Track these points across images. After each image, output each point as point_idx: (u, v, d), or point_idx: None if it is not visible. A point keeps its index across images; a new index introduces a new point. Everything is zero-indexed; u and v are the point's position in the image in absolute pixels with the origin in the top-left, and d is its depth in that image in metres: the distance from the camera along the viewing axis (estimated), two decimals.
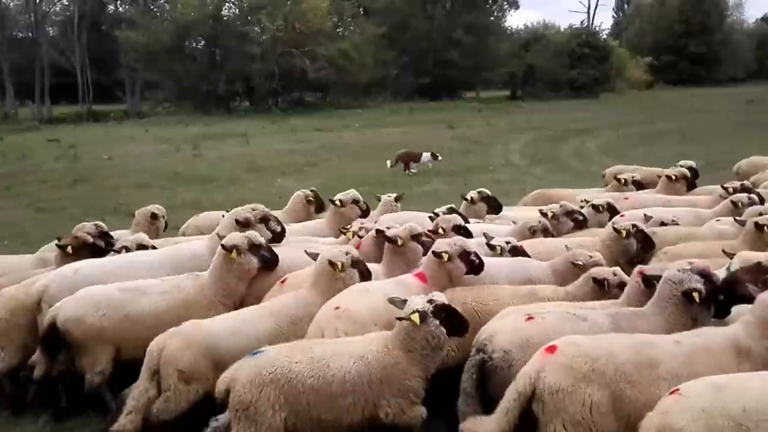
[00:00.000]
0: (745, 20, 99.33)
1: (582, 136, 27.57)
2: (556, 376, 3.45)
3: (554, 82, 55.98)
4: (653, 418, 3.12)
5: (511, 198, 12.18)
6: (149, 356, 4.45)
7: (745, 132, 27.71)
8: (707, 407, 3.02)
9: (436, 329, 3.96)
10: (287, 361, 3.89)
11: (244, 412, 3.81)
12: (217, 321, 4.72)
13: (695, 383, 3.22)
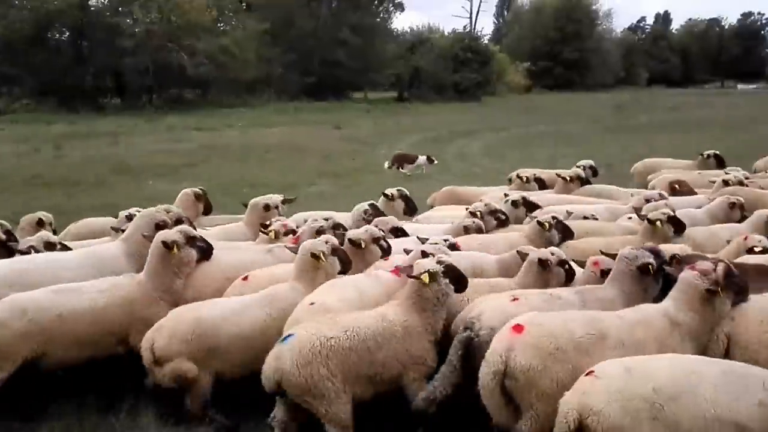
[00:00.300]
0: (613, 29, 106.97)
1: (465, 138, 28.04)
2: (526, 356, 3.80)
3: (439, 85, 57.04)
4: (572, 399, 3.38)
5: None
6: (145, 353, 4.62)
7: (613, 135, 29.36)
8: (622, 388, 3.29)
9: (446, 287, 4.45)
10: (321, 335, 4.17)
11: (308, 393, 4.08)
12: (210, 308, 4.82)
13: (608, 364, 3.51)
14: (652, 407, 3.23)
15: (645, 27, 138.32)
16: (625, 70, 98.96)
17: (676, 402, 3.26)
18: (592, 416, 3.28)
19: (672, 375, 3.37)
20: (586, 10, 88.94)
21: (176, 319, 4.70)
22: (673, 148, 23.51)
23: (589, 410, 3.29)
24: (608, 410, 3.25)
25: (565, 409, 3.38)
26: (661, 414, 3.23)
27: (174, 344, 4.56)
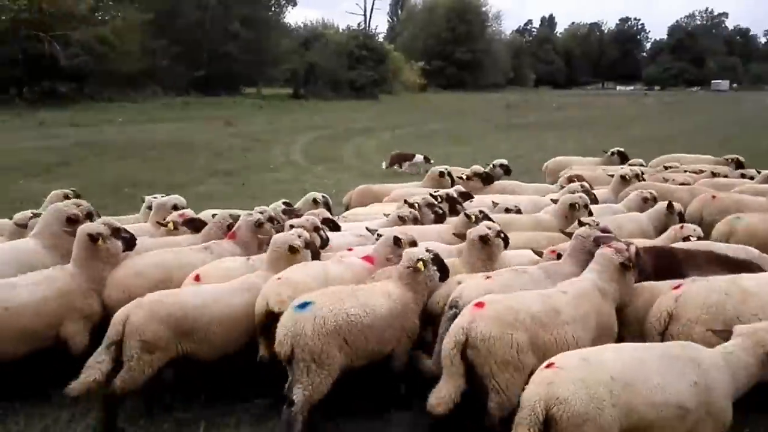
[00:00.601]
0: (502, 32, 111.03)
1: (362, 136, 27.91)
2: (487, 326, 4.11)
3: (335, 81, 56.70)
4: (538, 390, 3.46)
5: (292, 197, 11.40)
6: (113, 328, 4.60)
7: (504, 133, 30.21)
8: (584, 377, 3.45)
9: (434, 273, 4.92)
10: (343, 308, 4.43)
11: (316, 360, 4.28)
12: (193, 294, 4.89)
13: (565, 356, 3.70)
14: (612, 395, 3.42)
15: (532, 30, 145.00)
16: (514, 71, 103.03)
17: (631, 389, 3.47)
18: (559, 405, 3.39)
19: (623, 364, 3.59)
20: (477, 11, 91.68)
21: (157, 300, 4.71)
22: (559, 145, 24.71)
23: (555, 400, 3.40)
24: (574, 399, 3.38)
25: (531, 401, 3.46)
26: (619, 401, 3.42)
27: (150, 324, 4.57)
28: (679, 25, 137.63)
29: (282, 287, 4.82)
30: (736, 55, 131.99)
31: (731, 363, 3.78)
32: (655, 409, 3.49)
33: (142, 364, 4.56)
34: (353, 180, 15.95)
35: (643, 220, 7.42)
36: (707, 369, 3.68)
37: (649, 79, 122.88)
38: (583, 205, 7.20)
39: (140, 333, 4.54)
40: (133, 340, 4.54)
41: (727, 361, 3.79)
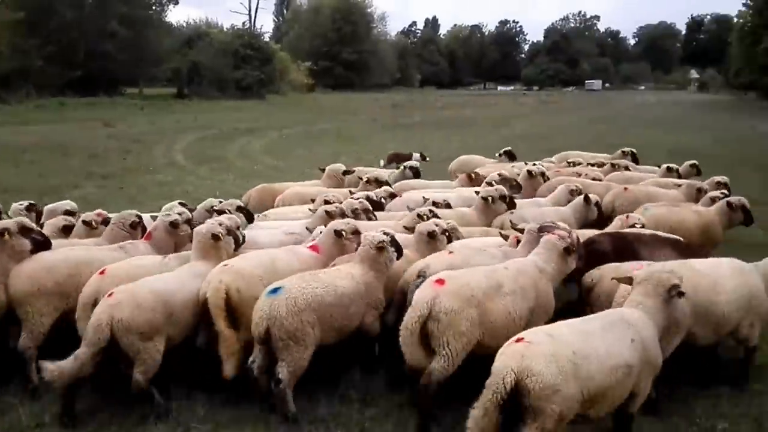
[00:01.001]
0: (388, 33, 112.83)
1: (248, 136, 27.61)
2: (449, 301, 4.58)
3: (220, 81, 55.51)
4: (510, 362, 3.73)
5: (173, 199, 11.27)
6: (97, 333, 4.62)
7: (390, 132, 30.92)
8: (554, 351, 3.75)
9: (392, 254, 5.43)
10: (311, 289, 4.89)
11: (292, 337, 4.73)
12: (160, 281, 5.09)
13: (532, 332, 4.00)
14: (575, 366, 3.74)
15: (416, 31, 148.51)
16: (400, 72, 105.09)
17: (588, 360, 3.81)
18: (532, 377, 3.67)
19: (577, 338, 3.92)
20: (362, 12, 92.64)
21: (133, 293, 4.82)
22: (444, 143, 25.79)
23: (528, 372, 3.68)
24: (546, 371, 3.67)
25: (503, 371, 3.72)
26: (580, 372, 3.75)
27: (141, 314, 4.72)
28: (554, 27, 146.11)
29: (225, 275, 5.06)
30: (608, 56, 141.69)
31: (647, 310, 4.28)
32: (609, 375, 3.86)
33: (153, 351, 4.77)
34: (238, 181, 15.93)
35: (566, 212, 7.77)
36: (635, 324, 4.15)
37: (527, 80, 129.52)
38: (499, 197, 7.59)
39: (135, 327, 4.69)
40: (130, 336, 4.68)
41: (644, 310, 4.28)
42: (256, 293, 4.99)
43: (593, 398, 3.84)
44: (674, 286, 4.35)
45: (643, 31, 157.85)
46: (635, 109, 55.25)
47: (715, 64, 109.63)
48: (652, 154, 22.05)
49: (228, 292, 4.95)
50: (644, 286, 4.40)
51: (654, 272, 4.47)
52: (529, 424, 3.73)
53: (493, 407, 3.72)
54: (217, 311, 4.90)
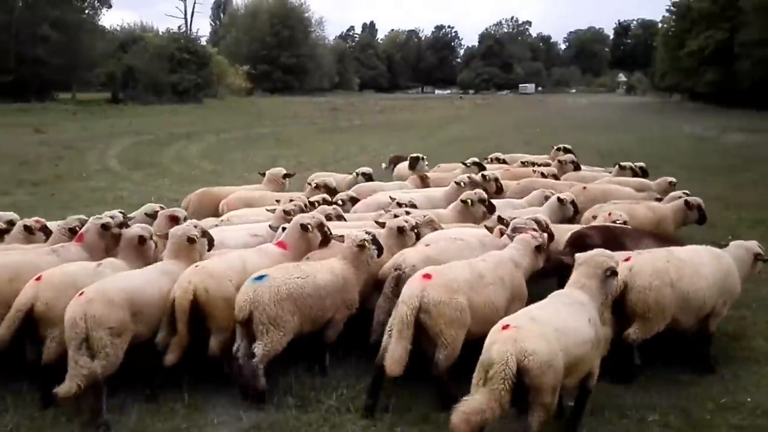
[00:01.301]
0: (326, 37, 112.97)
1: (184, 141, 27.24)
2: (438, 293, 4.90)
3: (156, 85, 54.37)
4: (506, 347, 4.00)
5: (107, 206, 11.17)
6: (73, 328, 4.75)
7: (329, 136, 31.13)
8: (541, 332, 4.11)
9: (373, 251, 5.73)
10: (292, 279, 5.20)
11: (273, 323, 5.02)
12: (128, 279, 5.26)
13: (516, 317, 4.35)
14: (559, 342, 4.11)
15: (354, 36, 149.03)
16: (339, 76, 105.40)
17: (566, 336, 4.21)
18: (528, 357, 3.97)
19: (553, 317, 4.34)
20: (299, 17, 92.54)
21: (104, 291, 4.93)
22: (382, 147, 26.05)
23: (524, 353, 3.97)
24: (540, 350, 4.00)
25: (504, 356, 3.97)
26: (562, 346, 4.13)
27: (113, 311, 4.84)
28: (488, 32, 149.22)
29: (196, 276, 5.19)
30: (540, 60, 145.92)
31: (589, 292, 4.66)
32: (581, 347, 4.28)
33: (116, 348, 4.85)
34: (175, 186, 15.73)
35: (542, 213, 7.80)
36: (586, 305, 4.55)
37: (463, 84, 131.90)
38: (478, 200, 7.73)
39: (106, 322, 4.80)
40: (101, 330, 4.78)
41: (586, 291, 4.66)
42: (226, 294, 5.17)
43: (570, 369, 4.21)
44: (610, 268, 4.73)
45: (573, 36, 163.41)
46: (567, 111, 57.28)
47: (642, 68, 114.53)
48: (582, 155, 22.94)
49: (196, 292, 5.06)
50: (585, 268, 4.76)
51: (593, 255, 4.84)
52: (533, 403, 4.03)
53: (507, 393, 3.95)
54: (181, 311, 5.03)
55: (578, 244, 6.05)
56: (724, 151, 23.88)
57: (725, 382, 5.37)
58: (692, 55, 58.13)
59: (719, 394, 5.18)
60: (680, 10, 65.87)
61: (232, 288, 5.20)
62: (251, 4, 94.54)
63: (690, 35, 59.68)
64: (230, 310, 5.09)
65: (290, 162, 21.03)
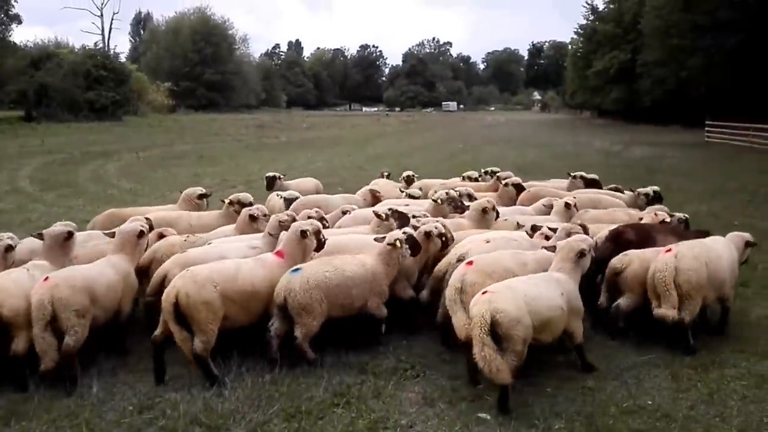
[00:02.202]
0: (251, 54, 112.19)
1: (101, 159, 26.46)
2: (472, 277, 5.84)
3: (71, 102, 52.40)
4: (481, 308, 5.12)
5: (15, 229, 10.88)
6: (41, 310, 5.39)
7: (255, 153, 31.03)
8: (513, 296, 5.23)
9: (406, 251, 6.43)
10: (321, 271, 5.99)
11: (304, 309, 5.81)
12: (85, 270, 5.91)
13: (495, 286, 5.38)
14: (527, 305, 5.21)
15: (280, 53, 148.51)
16: (266, 93, 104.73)
17: (536, 300, 5.31)
18: (500, 313, 5.07)
19: (528, 287, 5.43)
20: (223, 34, 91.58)
21: (67, 278, 5.62)
22: (308, 163, 26.29)
23: (496, 310, 5.08)
24: (509, 308, 5.11)
25: (481, 311, 5.09)
26: (531, 308, 5.22)
27: (76, 295, 5.50)
28: (411, 52, 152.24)
29: (182, 280, 5.62)
30: (461, 79, 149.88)
31: (566, 272, 5.80)
32: (549, 311, 5.36)
33: (83, 326, 5.51)
34: (89, 206, 15.05)
35: (553, 218, 8.60)
36: (562, 282, 5.65)
37: (389, 102, 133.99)
38: (491, 208, 8.27)
39: (72, 304, 5.46)
40: (67, 312, 5.44)
41: (564, 272, 5.78)
42: (206, 299, 5.53)
43: (541, 327, 5.30)
44: (581, 251, 5.89)
45: (491, 57, 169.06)
46: (486, 128, 59.13)
47: (555, 87, 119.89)
48: (501, 168, 23.42)
49: (178, 295, 5.47)
50: (562, 253, 5.93)
51: (568, 241, 6.06)
52: (504, 347, 5.07)
53: (486, 336, 5.00)
54: (166, 312, 5.52)
55: (616, 241, 7.02)
56: (629, 163, 25.41)
57: (628, 387, 5.57)
58: (598, 74, 61.72)
59: (622, 399, 5.38)
60: (587, 32, 69.82)
61: (215, 294, 5.57)
62: (172, 20, 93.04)
63: (596, 56, 63.41)
64: (211, 314, 5.52)
65: (214, 180, 20.73)
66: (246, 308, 5.84)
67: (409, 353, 6.32)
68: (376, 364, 6.07)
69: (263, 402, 5.33)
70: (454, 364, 6.01)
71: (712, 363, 6.02)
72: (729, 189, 17.92)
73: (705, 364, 6.01)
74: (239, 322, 5.85)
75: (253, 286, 5.85)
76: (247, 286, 5.82)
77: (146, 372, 5.88)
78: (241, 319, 5.84)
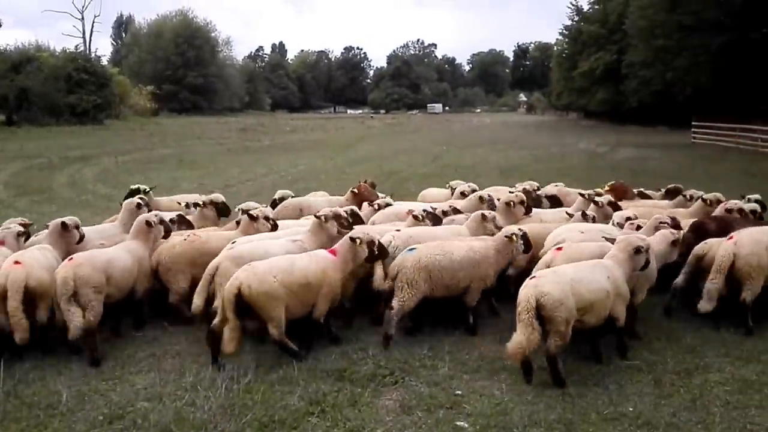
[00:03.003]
0: (234, 57, 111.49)
1: (79, 164, 25.98)
2: (560, 261, 6.35)
3: (52, 106, 51.70)
4: (529, 291, 5.48)
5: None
6: (65, 285, 6.09)
7: (236, 157, 30.60)
8: (556, 280, 5.58)
9: (520, 246, 6.87)
10: (431, 253, 6.62)
11: (409, 283, 6.49)
12: (101, 253, 6.65)
13: (543, 272, 5.84)
14: (572, 287, 5.54)
15: (264, 56, 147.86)
16: (249, 96, 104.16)
17: (580, 284, 5.62)
18: (544, 296, 5.43)
19: (574, 272, 5.74)
20: (206, 37, 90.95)
21: (89, 258, 6.36)
22: (290, 167, 25.93)
23: (541, 293, 5.44)
24: (553, 291, 5.45)
25: (526, 295, 5.46)
26: (575, 291, 5.55)
27: (95, 274, 6.23)
28: (396, 54, 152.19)
29: (245, 273, 5.96)
30: (446, 81, 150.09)
31: (619, 262, 6.04)
32: (594, 294, 5.66)
33: (99, 302, 6.19)
34: (61, 212, 14.76)
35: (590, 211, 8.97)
36: (611, 268, 5.93)
37: (374, 104, 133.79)
38: (492, 219, 8.09)
39: (91, 281, 6.17)
40: (87, 287, 6.13)
41: (616, 261, 6.03)
42: (268, 290, 5.89)
43: (585, 309, 5.61)
44: (638, 247, 6.11)
45: (476, 58, 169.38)
46: (472, 130, 59.09)
47: (540, 88, 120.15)
48: (483, 171, 23.82)
49: (240, 287, 5.83)
50: (620, 245, 6.19)
51: (627, 236, 6.39)
52: (548, 329, 5.44)
53: (531, 319, 5.36)
54: (228, 302, 5.83)
55: (699, 231, 7.62)
56: (615, 165, 25.20)
57: (610, 393, 5.46)
58: (584, 75, 61.70)
59: (603, 405, 5.26)
60: (572, 33, 69.91)
61: (276, 285, 5.93)
62: (154, 23, 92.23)
63: (581, 57, 63.38)
64: (274, 302, 5.90)
65: (192, 184, 20.33)
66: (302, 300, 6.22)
67: (389, 358, 6.18)
68: (354, 370, 5.93)
69: (237, 411, 5.19)
70: (434, 369, 5.95)
71: (696, 368, 5.96)
72: (716, 191, 17.35)
73: (689, 368, 5.93)
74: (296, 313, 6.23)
75: (307, 279, 6.23)
76: (302, 278, 6.21)
77: (120, 380, 5.85)
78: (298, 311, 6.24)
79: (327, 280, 6.30)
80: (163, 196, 11.61)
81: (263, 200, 13.54)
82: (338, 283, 6.45)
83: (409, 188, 19.06)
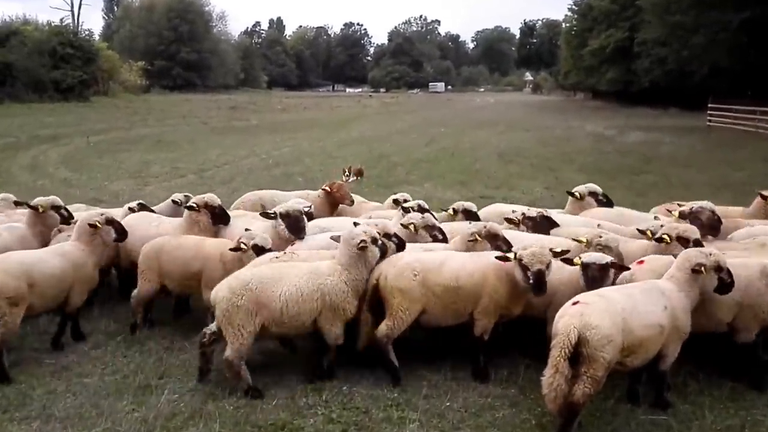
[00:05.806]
0: (230, 32, 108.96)
1: (47, 144, 24.39)
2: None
3: (36, 82, 49.81)
4: (572, 321, 4.39)
5: None
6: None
7: (219, 137, 28.71)
8: (606, 308, 4.52)
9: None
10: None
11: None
12: (26, 255, 5.85)
13: (587, 295, 4.72)
14: (623, 321, 4.46)
15: (261, 32, 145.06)
16: (245, 73, 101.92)
17: (632, 315, 4.53)
18: (591, 330, 4.33)
19: (624, 298, 4.63)
20: (199, 11, 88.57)
21: (3, 261, 5.51)
22: (274, 147, 24.32)
23: (588, 326, 4.34)
24: (603, 324, 4.36)
25: (567, 329, 4.34)
26: (626, 325, 4.47)
27: (9, 282, 5.34)
28: (397, 30, 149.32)
29: (386, 264, 5.57)
30: (449, 59, 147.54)
31: (678, 283, 4.88)
32: (646, 330, 4.59)
33: (13, 316, 5.36)
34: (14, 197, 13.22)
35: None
36: (669, 295, 4.78)
37: (374, 82, 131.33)
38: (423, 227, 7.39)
39: (5, 291, 5.28)
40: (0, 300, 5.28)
41: (676, 283, 4.88)
42: (402, 286, 5.41)
43: (631, 348, 4.54)
44: (698, 264, 4.87)
45: (481, 36, 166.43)
46: (473, 110, 57.16)
47: (547, 67, 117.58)
48: (482, 156, 22.31)
49: (379, 278, 5.47)
50: (679, 261, 5.04)
51: (689, 251, 5.17)
52: (584, 374, 4.35)
53: (563, 361, 4.30)
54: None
55: None
56: (623, 150, 23.55)
57: None
58: (594, 53, 59.39)
59: None
60: (582, 9, 67.29)
61: (414, 282, 5.41)
62: None
63: (591, 34, 60.93)
64: (405, 301, 5.36)
65: (164, 168, 18.86)
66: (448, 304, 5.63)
67: (346, 406, 5.04)
68: (296, 426, 4.75)
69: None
70: (401, 426, 4.73)
71: (743, 426, 4.76)
72: (735, 181, 16.06)
73: (732, 426, 4.75)
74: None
75: None
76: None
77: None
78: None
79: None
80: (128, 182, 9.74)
81: (236, 188, 11.82)
82: None
83: (398, 175, 17.34)
